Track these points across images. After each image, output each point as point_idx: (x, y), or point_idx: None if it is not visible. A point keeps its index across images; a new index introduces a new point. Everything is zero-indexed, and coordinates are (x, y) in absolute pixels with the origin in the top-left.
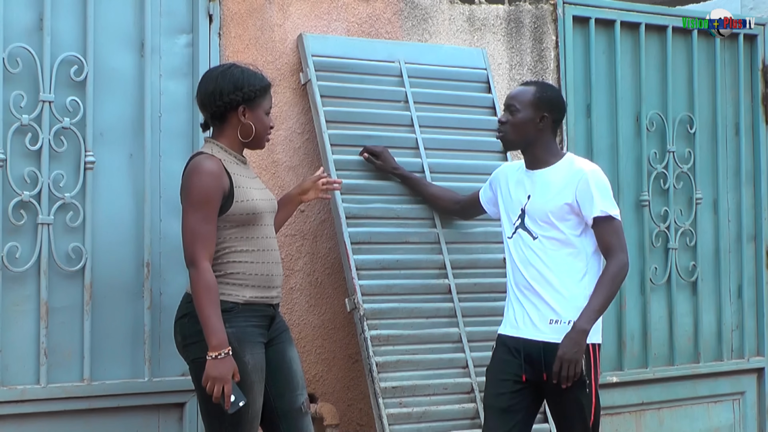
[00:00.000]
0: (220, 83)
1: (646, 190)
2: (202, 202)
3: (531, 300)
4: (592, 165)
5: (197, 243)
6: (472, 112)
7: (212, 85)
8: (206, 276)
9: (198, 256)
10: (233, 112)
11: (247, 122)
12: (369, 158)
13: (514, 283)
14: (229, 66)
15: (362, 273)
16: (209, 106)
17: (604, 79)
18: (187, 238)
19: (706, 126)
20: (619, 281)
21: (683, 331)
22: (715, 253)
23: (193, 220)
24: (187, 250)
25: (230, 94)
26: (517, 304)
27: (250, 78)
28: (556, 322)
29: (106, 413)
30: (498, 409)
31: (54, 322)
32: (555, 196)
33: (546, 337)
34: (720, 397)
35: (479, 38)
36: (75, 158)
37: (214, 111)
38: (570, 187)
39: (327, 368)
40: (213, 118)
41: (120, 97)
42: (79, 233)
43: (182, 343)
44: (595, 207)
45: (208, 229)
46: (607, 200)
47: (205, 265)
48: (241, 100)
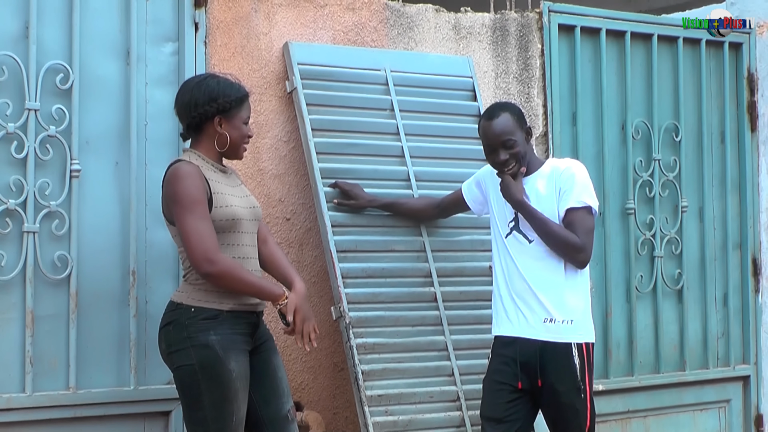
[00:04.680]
0: (195, 94)
1: (631, 198)
2: (195, 202)
3: (526, 300)
4: (573, 161)
5: (207, 240)
6: (458, 120)
7: (188, 96)
8: (228, 262)
9: (211, 252)
10: (209, 123)
11: (223, 132)
12: (340, 201)
13: (506, 284)
14: (205, 77)
15: (348, 281)
16: (185, 117)
17: (589, 87)
18: (193, 240)
19: (692, 134)
20: (562, 242)
21: (669, 339)
22: (700, 261)
23: (192, 220)
24: (197, 250)
25: (205, 105)
26: (510, 304)
27: (225, 89)
28: (550, 321)
29: (91, 422)
30: (495, 419)
31: (40, 330)
32: (545, 202)
33: (542, 336)
34: (706, 405)
35: (465, 46)
36: (61, 166)
37: (190, 121)
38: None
39: (313, 376)
40: (189, 129)
41: (106, 105)
42: (65, 241)
43: (167, 351)
44: (573, 198)
45: (208, 226)
46: (586, 192)
47: (221, 256)
48: (216, 111)
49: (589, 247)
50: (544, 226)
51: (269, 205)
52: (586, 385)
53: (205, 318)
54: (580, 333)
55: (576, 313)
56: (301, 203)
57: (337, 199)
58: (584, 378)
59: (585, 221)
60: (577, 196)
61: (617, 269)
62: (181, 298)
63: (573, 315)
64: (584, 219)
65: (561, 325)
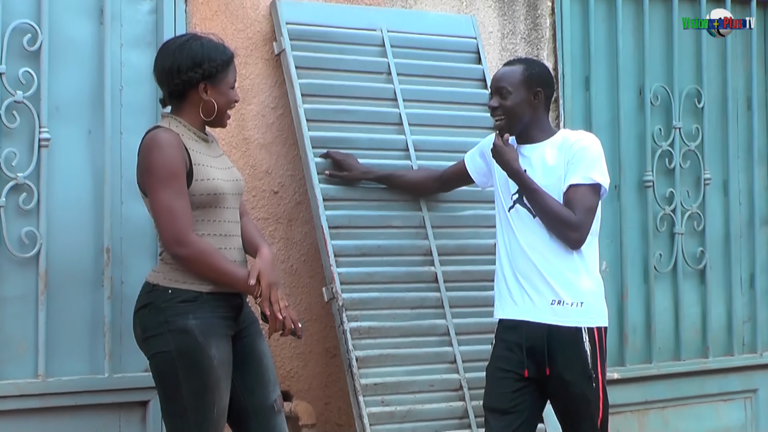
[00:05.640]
0: (178, 59)
1: (649, 169)
2: (170, 175)
3: (531, 280)
4: (587, 134)
5: (178, 220)
6: (461, 84)
7: (169, 61)
8: (200, 245)
9: (183, 232)
10: (193, 90)
11: (209, 99)
12: (333, 173)
13: (509, 262)
14: (187, 38)
15: (341, 260)
16: (166, 84)
17: (604, 49)
18: (164, 217)
19: (716, 100)
20: (555, 216)
21: (690, 324)
22: (725, 239)
23: (165, 196)
24: (167, 230)
25: (189, 71)
26: (515, 285)
27: (210, 52)
28: (558, 303)
29: (62, 412)
30: (499, 410)
31: (6, 313)
32: (552, 174)
33: (548, 320)
34: (730, 395)
35: (468, 5)
36: (28, 135)
37: (173, 89)
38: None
39: (303, 363)
40: (171, 96)
41: (77, 68)
42: (33, 216)
43: (142, 336)
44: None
45: (183, 203)
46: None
47: (193, 237)
48: (201, 77)
49: (585, 227)
50: (539, 198)
51: (255, 177)
52: (598, 373)
53: (183, 300)
54: (591, 316)
55: (586, 294)
56: (290, 175)
57: (329, 171)
58: (596, 365)
59: (586, 199)
60: (584, 171)
61: (634, 247)
62: (158, 279)
63: (583, 297)
64: (586, 196)
65: (570, 308)
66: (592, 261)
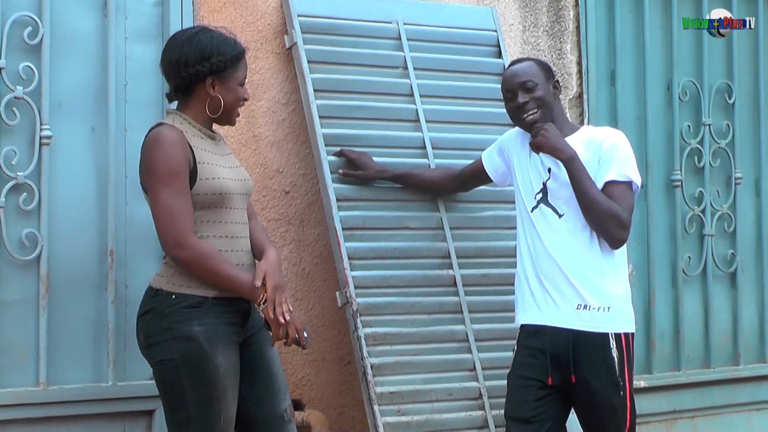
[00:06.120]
0: (185, 51)
1: (678, 168)
2: (171, 174)
3: (555, 284)
4: (613, 130)
5: (178, 221)
6: (480, 79)
7: (177, 54)
8: (200, 247)
9: (182, 234)
10: (200, 84)
11: (216, 95)
12: (346, 172)
13: (532, 265)
14: (196, 31)
15: (355, 263)
16: (173, 77)
17: (630, 42)
18: (163, 218)
19: (747, 95)
20: (606, 213)
21: (720, 330)
22: (756, 240)
23: (166, 196)
24: (166, 232)
25: (196, 65)
26: (538, 288)
27: (220, 45)
28: (584, 307)
29: (64, 422)
30: (521, 419)
31: (5, 318)
32: None
33: (574, 326)
34: (762, 404)
35: None
36: (29, 132)
37: (179, 83)
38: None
39: (315, 371)
40: (177, 90)
41: (80, 62)
42: (34, 217)
43: (145, 343)
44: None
45: (184, 203)
46: (629, 165)
47: (193, 240)
48: (208, 72)
49: (629, 227)
50: (591, 191)
51: (265, 177)
52: (626, 381)
53: (187, 306)
54: (618, 322)
55: (614, 299)
56: (302, 174)
57: (342, 170)
58: (623, 373)
59: (627, 197)
60: (619, 168)
61: (661, 250)
62: (161, 283)
63: (610, 301)
64: (625, 194)
65: (596, 313)
66: (620, 264)
